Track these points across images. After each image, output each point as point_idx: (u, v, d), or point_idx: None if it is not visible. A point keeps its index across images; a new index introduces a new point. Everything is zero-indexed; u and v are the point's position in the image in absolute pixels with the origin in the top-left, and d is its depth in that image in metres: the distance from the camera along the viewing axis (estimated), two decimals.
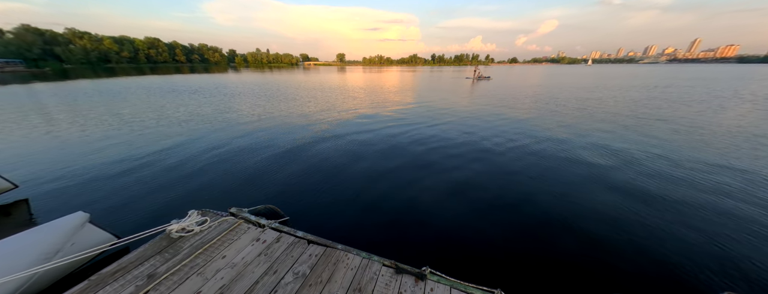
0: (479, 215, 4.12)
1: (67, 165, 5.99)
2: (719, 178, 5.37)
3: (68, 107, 13.17)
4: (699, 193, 4.81)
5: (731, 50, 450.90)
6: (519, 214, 4.17)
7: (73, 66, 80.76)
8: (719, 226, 3.84)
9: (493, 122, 10.52)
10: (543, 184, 5.14)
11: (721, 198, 4.62)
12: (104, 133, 8.55)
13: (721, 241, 3.53)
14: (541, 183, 5.18)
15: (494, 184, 5.17)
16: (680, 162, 6.25)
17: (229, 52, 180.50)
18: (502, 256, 3.27)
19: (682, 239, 3.57)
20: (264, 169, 5.83)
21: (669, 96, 17.91)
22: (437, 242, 3.51)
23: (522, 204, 4.44)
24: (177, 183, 5.15)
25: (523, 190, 4.89)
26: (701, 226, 3.85)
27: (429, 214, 4.14)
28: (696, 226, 3.85)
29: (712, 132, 8.82)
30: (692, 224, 3.89)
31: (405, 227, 3.82)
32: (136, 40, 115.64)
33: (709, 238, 3.58)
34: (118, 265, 2.40)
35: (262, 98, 17.03)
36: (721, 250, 3.37)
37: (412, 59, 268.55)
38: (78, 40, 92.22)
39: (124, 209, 4.28)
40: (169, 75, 41.69)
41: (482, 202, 4.48)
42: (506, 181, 5.27)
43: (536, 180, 5.32)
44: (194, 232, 2.85)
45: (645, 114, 11.92)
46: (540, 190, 4.91)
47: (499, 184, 5.17)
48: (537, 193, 4.77)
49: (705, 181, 5.24)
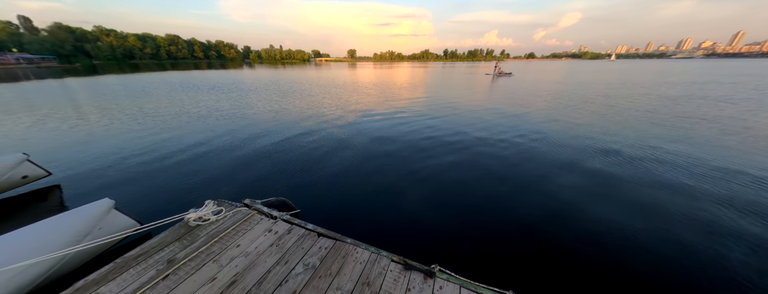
0: (496, 215, 4.02)
1: (96, 155, 6.37)
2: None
3: (97, 101, 13.97)
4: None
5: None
6: (541, 217, 4.04)
7: (101, 62, 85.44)
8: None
9: (512, 120, 10.22)
10: (573, 190, 4.93)
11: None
12: (129, 126, 9.02)
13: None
14: (571, 190, 4.98)
15: (515, 187, 5.03)
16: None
17: (244, 48, 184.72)
18: (518, 256, 3.18)
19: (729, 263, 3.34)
20: (277, 162, 5.96)
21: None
22: (448, 240, 3.47)
23: (546, 209, 4.29)
24: (195, 174, 5.36)
25: (546, 194, 4.71)
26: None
27: (441, 212, 4.09)
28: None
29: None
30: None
31: (415, 223, 3.80)
32: (158, 37, 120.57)
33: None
34: (140, 250, 2.53)
35: (276, 94, 17.36)
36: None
37: (423, 55, 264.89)
38: (105, 38, 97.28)
39: (147, 197, 4.51)
40: (188, 71, 43.30)
41: (501, 204, 4.37)
42: (530, 184, 5.11)
43: (560, 183, 5.12)
44: (210, 221, 2.95)
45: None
46: (567, 195, 4.73)
47: (520, 187, 5.03)
48: (563, 199, 4.60)
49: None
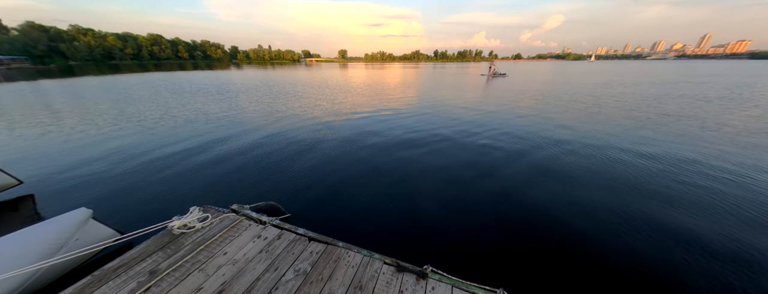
0: (484, 215, 4.08)
1: (72, 162, 6.05)
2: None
3: (73, 105, 13.29)
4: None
5: (742, 46, 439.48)
6: (527, 214, 4.12)
7: (78, 63, 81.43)
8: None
9: (505, 119, 10.41)
10: (560, 187, 5.06)
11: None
12: (108, 131, 8.62)
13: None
14: (559, 187, 5.11)
15: (504, 184, 5.11)
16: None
17: (232, 48, 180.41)
18: (506, 256, 3.23)
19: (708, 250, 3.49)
20: (266, 166, 5.84)
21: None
22: (440, 241, 3.48)
23: (532, 205, 4.38)
24: (179, 180, 5.18)
25: (535, 193, 4.82)
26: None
27: (432, 213, 4.11)
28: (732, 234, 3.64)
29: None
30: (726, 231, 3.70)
31: (407, 225, 3.80)
32: (140, 36, 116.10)
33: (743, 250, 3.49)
34: (120, 261, 2.41)
35: (265, 96, 17.03)
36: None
37: (414, 56, 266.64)
38: (82, 37, 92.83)
39: (128, 206, 4.31)
40: (172, 72, 41.87)
41: (489, 202, 4.43)
42: (515, 182, 5.21)
43: (549, 183, 5.25)
44: (196, 229, 2.85)
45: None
46: (554, 193, 4.85)
47: (507, 184, 5.11)
48: (548, 197, 4.71)
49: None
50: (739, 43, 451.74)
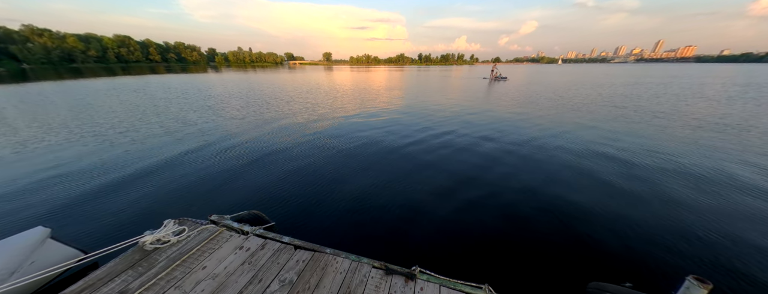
0: (470, 213, 4.17)
1: (25, 176, 5.48)
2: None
3: (25, 113, 12.09)
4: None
5: (690, 50, 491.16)
6: (507, 208, 4.26)
7: (33, 66, 74.32)
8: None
9: (509, 120, 10.74)
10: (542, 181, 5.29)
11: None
12: (66, 141, 7.89)
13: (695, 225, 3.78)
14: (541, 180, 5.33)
15: (489, 182, 5.26)
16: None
17: (209, 50, 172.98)
18: (490, 252, 3.32)
19: (650, 223, 3.79)
20: (247, 173, 5.61)
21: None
22: (427, 241, 3.51)
23: (510, 199, 4.54)
24: (151, 192, 4.84)
25: (518, 188, 5.00)
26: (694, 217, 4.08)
27: (419, 212, 4.14)
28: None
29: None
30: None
31: (395, 227, 3.80)
32: (105, 38, 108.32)
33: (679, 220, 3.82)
34: (84, 283, 2.21)
35: (241, 100, 16.44)
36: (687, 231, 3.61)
37: (399, 59, 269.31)
38: (37, 38, 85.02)
39: (93, 222, 3.96)
40: (143, 75, 39.34)
41: (473, 200, 4.54)
42: (500, 178, 5.38)
43: (531, 176, 5.47)
44: (171, 243, 2.68)
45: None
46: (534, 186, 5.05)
47: (493, 181, 5.27)
48: (526, 190, 4.91)
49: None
50: (687, 48, 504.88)
